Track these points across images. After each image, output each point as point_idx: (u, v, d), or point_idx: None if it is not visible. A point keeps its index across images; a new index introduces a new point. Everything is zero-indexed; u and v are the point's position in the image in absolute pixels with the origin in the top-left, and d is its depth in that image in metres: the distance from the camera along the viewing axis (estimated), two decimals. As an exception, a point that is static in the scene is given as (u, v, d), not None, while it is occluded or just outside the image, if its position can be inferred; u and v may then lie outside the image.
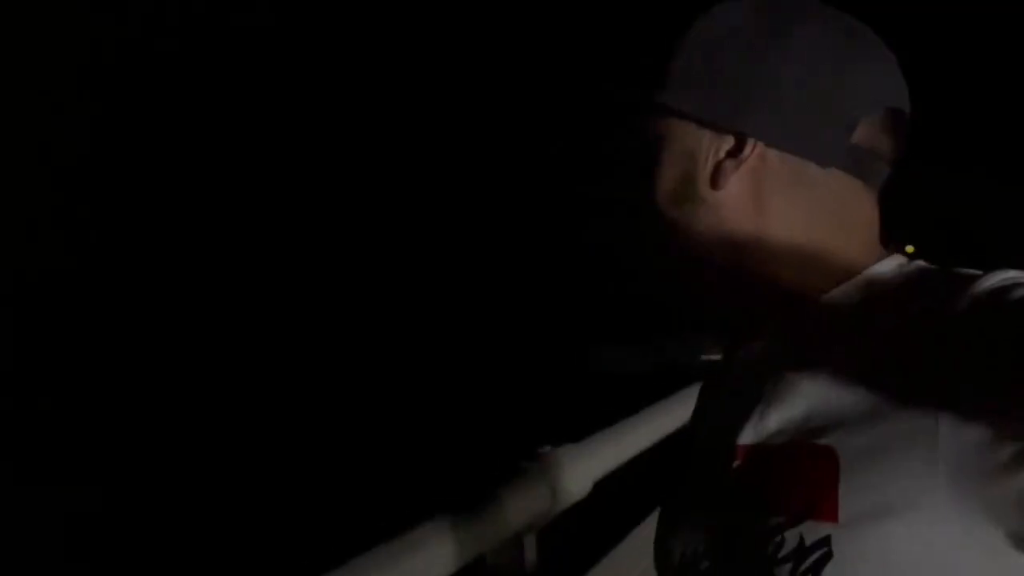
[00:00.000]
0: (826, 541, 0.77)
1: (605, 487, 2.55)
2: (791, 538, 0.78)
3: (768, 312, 0.90)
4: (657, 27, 0.96)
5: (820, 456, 0.79)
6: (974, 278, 0.79)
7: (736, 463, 0.87)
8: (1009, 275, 0.77)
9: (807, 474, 0.79)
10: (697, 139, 0.91)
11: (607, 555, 2.89)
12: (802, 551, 0.77)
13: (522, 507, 2.19)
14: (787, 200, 0.89)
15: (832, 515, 0.77)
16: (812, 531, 0.77)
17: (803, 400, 0.83)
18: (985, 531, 0.72)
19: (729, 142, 0.89)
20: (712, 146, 0.90)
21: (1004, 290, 0.76)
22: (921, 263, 0.87)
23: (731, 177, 0.89)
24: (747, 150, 0.88)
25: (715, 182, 0.89)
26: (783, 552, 0.79)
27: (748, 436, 0.87)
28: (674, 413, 3.25)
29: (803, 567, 0.77)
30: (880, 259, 0.88)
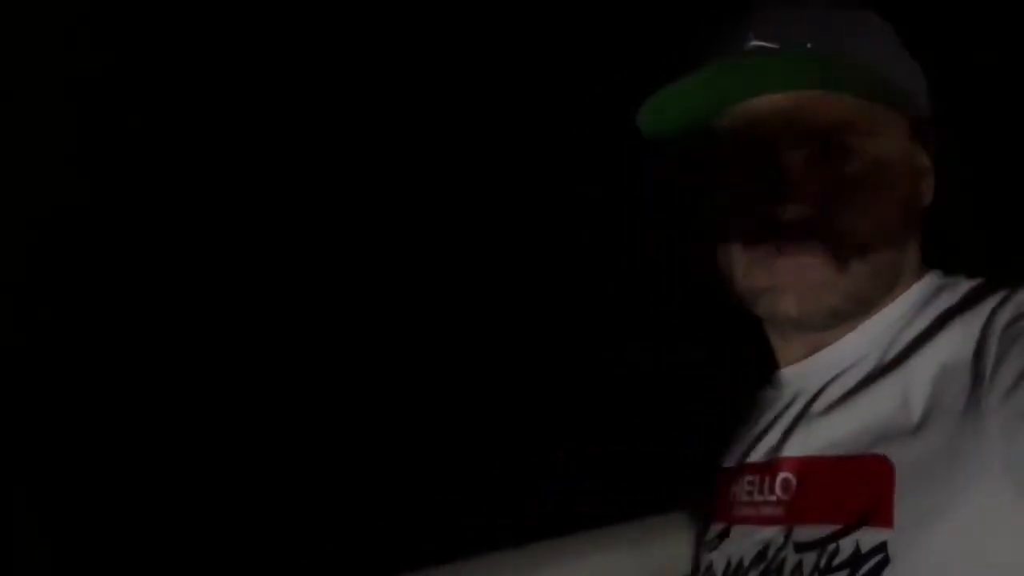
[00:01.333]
0: (883, 547, 0.77)
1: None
2: (846, 546, 0.79)
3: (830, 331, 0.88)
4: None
5: (874, 465, 0.80)
6: (1014, 289, 0.80)
7: (784, 475, 0.87)
8: None
9: (861, 483, 0.80)
10: (917, 148, 0.88)
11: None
12: (858, 558, 0.77)
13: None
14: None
15: (888, 521, 0.77)
16: (868, 538, 0.78)
17: (854, 412, 0.84)
18: None
19: (932, 149, 0.88)
20: (924, 155, 0.88)
21: None
22: (952, 279, 0.87)
23: (931, 189, 0.89)
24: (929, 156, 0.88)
25: (927, 197, 0.88)
26: (838, 560, 0.78)
27: (798, 448, 0.87)
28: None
29: (860, 573, 0.77)
30: (923, 271, 0.88)
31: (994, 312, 0.78)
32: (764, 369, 1.01)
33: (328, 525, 2.90)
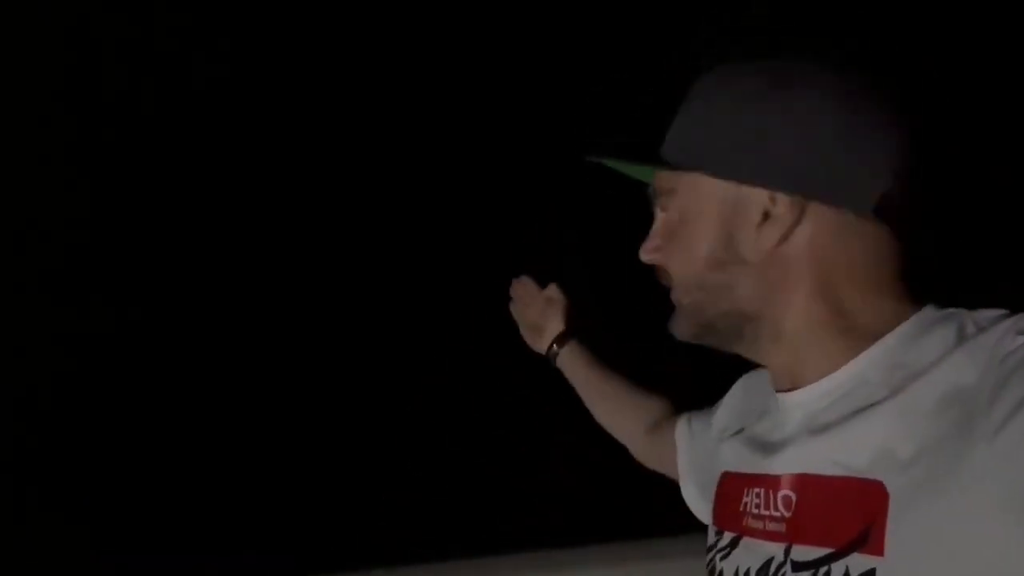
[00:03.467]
0: (871, 574, 0.77)
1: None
2: (837, 570, 0.79)
3: (812, 361, 0.89)
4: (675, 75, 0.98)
5: (870, 490, 0.79)
6: (1018, 318, 0.80)
7: (785, 492, 0.88)
8: None
9: (856, 507, 0.80)
10: (736, 201, 0.89)
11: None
12: None
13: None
14: (832, 254, 0.87)
15: (879, 549, 0.77)
16: (858, 564, 0.78)
17: (854, 433, 0.84)
18: None
19: (768, 200, 0.88)
20: (752, 206, 0.88)
21: None
22: (951, 310, 0.86)
23: (776, 235, 0.87)
24: (788, 206, 0.87)
25: (761, 243, 0.88)
26: None
27: (798, 465, 0.88)
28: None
29: None
30: (912, 308, 0.88)
31: (996, 344, 0.78)
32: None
33: (334, 521, 2.92)
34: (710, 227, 0.90)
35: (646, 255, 0.97)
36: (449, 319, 3.30)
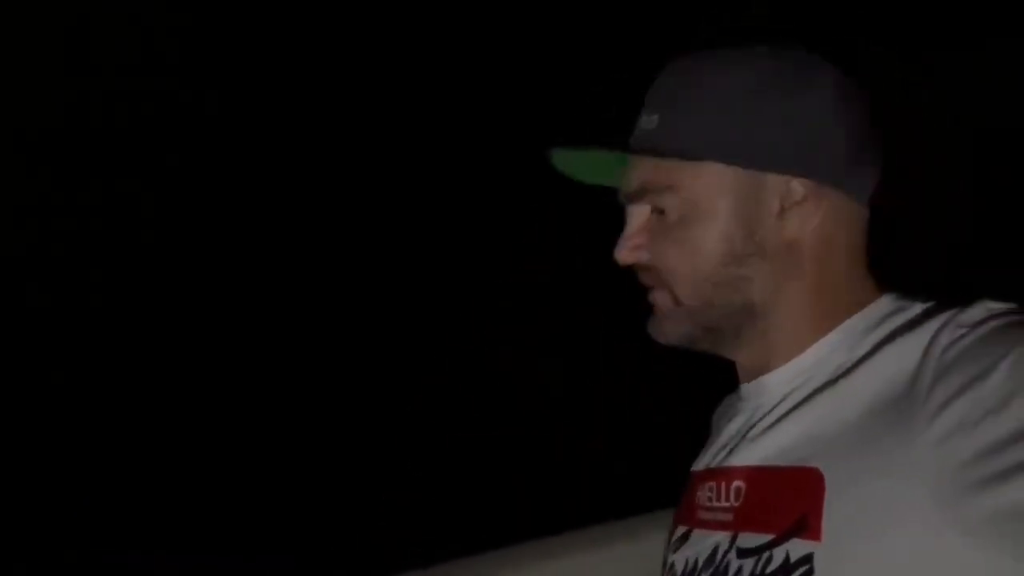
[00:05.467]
0: (809, 559, 0.79)
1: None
2: (778, 555, 0.81)
3: (782, 346, 0.90)
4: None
5: (808, 477, 0.82)
6: (958, 311, 0.81)
7: (737, 483, 0.90)
8: (989, 306, 0.80)
9: (796, 494, 0.82)
10: (754, 190, 0.87)
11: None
12: (787, 568, 0.80)
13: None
14: (837, 240, 0.88)
15: (816, 534, 0.79)
16: (797, 549, 0.80)
17: (797, 425, 0.86)
18: (968, 553, 0.74)
19: (784, 189, 0.86)
20: (771, 195, 0.87)
21: (985, 322, 0.78)
22: (903, 301, 0.88)
23: (798, 223, 0.87)
24: (807, 191, 0.86)
25: (784, 232, 0.87)
26: (771, 568, 0.81)
27: (749, 458, 0.90)
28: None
29: None
30: (874, 295, 0.89)
31: (935, 335, 0.79)
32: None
33: (316, 527, 2.92)
34: (726, 221, 0.87)
35: (628, 254, 0.90)
36: (449, 319, 3.30)
